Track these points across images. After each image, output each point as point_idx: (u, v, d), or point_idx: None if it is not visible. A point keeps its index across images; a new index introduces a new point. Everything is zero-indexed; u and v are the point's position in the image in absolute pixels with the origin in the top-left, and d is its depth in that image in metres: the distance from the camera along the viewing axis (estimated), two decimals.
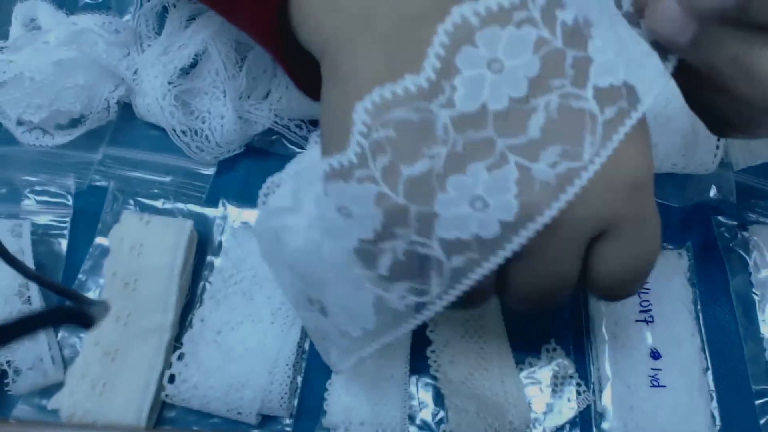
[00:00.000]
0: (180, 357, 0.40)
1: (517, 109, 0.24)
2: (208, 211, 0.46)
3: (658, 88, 0.26)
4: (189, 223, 0.43)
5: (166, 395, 0.40)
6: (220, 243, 0.45)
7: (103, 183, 0.47)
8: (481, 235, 0.24)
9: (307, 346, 0.43)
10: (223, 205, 0.46)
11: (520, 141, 0.24)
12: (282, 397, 0.40)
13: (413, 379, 0.42)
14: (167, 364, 0.40)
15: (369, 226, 0.25)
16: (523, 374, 0.41)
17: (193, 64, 0.47)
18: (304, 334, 0.42)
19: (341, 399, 0.40)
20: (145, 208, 0.46)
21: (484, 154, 0.24)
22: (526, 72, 0.24)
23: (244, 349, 0.41)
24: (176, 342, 0.42)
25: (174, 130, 0.45)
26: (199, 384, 0.40)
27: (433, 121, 0.24)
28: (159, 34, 0.48)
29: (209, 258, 0.44)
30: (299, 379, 0.42)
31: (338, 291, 0.29)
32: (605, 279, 0.28)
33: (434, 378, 0.41)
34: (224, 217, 0.46)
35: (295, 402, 0.41)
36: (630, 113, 0.25)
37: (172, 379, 0.40)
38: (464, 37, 0.24)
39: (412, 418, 0.41)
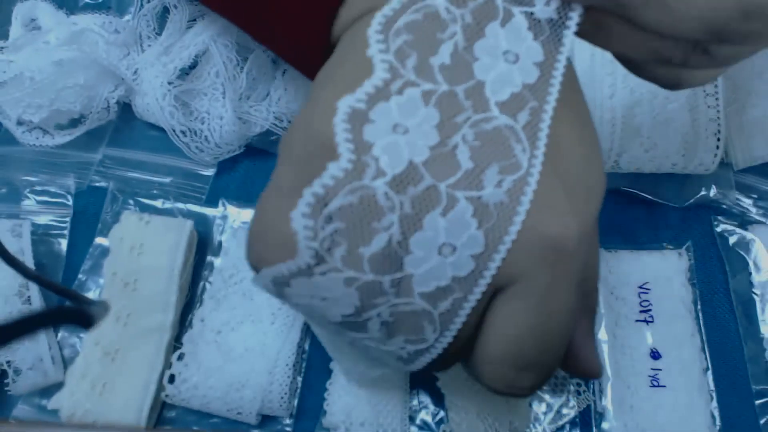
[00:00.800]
0: (180, 357, 0.40)
1: (440, 152, 0.24)
2: (208, 211, 0.46)
3: (566, 53, 0.26)
4: (189, 223, 0.43)
5: (166, 395, 0.40)
6: (220, 243, 0.45)
7: (103, 183, 0.47)
8: (458, 275, 0.25)
9: (307, 346, 0.43)
10: (223, 205, 0.46)
11: (459, 176, 0.24)
12: (282, 397, 0.40)
13: (413, 379, 0.41)
14: (167, 364, 0.41)
15: (348, 303, 0.25)
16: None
17: (193, 65, 0.47)
18: (304, 334, 0.42)
19: (342, 399, 0.40)
20: (145, 208, 0.46)
21: (433, 203, 0.24)
22: (429, 122, 0.25)
23: (244, 349, 0.41)
24: (176, 342, 0.42)
25: (174, 131, 0.45)
26: (199, 384, 0.40)
27: (373, 195, 0.24)
28: (159, 34, 0.48)
29: (209, 258, 0.44)
30: (299, 379, 0.42)
31: (342, 343, 0.29)
32: (494, 349, 0.27)
33: (435, 378, 0.41)
34: (224, 217, 0.46)
35: (295, 402, 0.41)
36: (543, 108, 0.26)
37: (172, 379, 0.40)
38: (360, 120, 0.24)
39: (412, 419, 0.41)
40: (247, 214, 0.46)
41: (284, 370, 0.40)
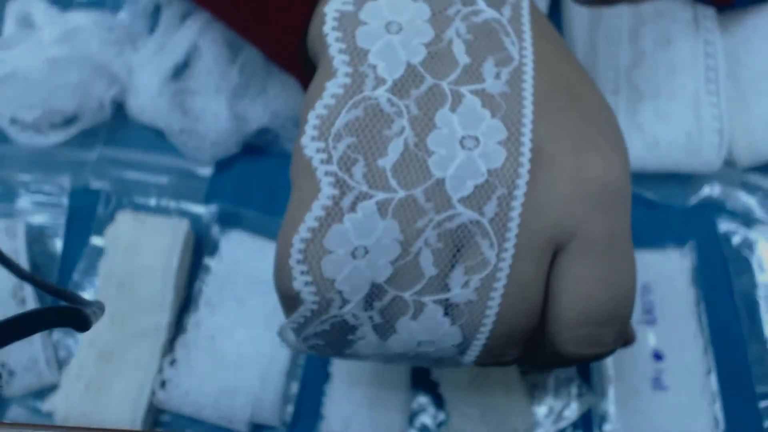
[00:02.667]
0: (172, 362, 0.40)
1: (403, 264, 0.24)
2: (204, 211, 0.45)
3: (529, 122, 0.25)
4: (185, 223, 0.43)
5: (158, 400, 0.40)
6: (216, 243, 0.44)
7: (99, 184, 0.46)
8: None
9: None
10: (219, 210, 0.45)
11: (423, 284, 0.24)
12: (274, 406, 0.40)
13: (413, 382, 0.41)
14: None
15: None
16: (524, 377, 0.41)
17: (186, 65, 0.46)
18: None
19: (340, 406, 0.40)
20: (140, 208, 0.45)
21: (402, 309, 0.24)
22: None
23: (237, 355, 0.40)
24: (173, 343, 0.41)
25: (171, 129, 0.45)
26: (191, 390, 0.40)
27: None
28: (152, 32, 0.47)
29: (205, 258, 0.44)
30: (295, 385, 0.42)
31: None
32: (570, 312, 0.25)
33: (436, 385, 0.40)
34: (220, 220, 0.45)
35: (291, 409, 0.41)
36: (513, 194, 0.24)
37: (163, 384, 0.40)
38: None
39: (412, 422, 0.41)
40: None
41: (277, 378, 0.40)
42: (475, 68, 0.24)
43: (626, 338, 0.30)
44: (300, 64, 0.33)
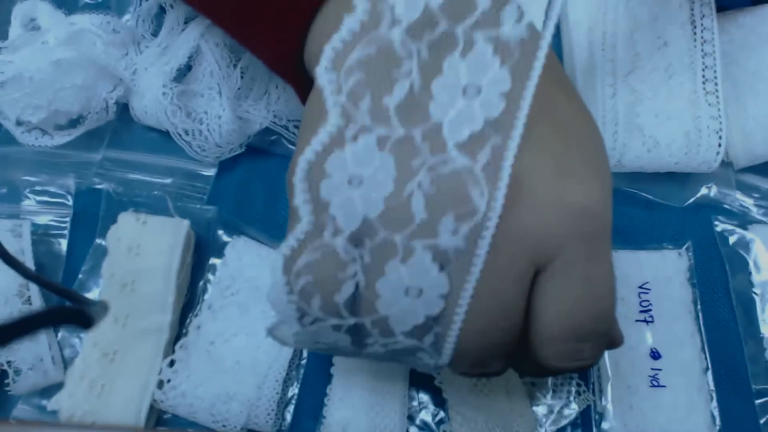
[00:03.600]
0: (171, 363, 0.40)
1: (396, 203, 0.25)
2: (206, 210, 0.46)
3: (538, 71, 0.25)
4: (186, 223, 0.43)
5: (155, 400, 0.40)
6: (218, 242, 0.45)
7: (104, 186, 0.47)
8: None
9: (305, 353, 0.43)
10: (222, 216, 0.46)
11: (413, 227, 0.25)
12: (269, 413, 0.40)
13: (413, 379, 0.41)
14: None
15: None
16: (524, 377, 0.41)
17: (189, 68, 0.46)
18: (298, 350, 0.42)
19: (340, 408, 0.40)
20: (144, 208, 0.45)
21: (392, 251, 0.25)
22: (384, 171, 0.25)
23: (235, 361, 0.40)
24: (176, 342, 0.42)
25: (176, 131, 0.45)
26: (187, 392, 0.40)
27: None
28: (155, 35, 0.47)
29: (208, 258, 0.44)
30: (294, 390, 0.42)
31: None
32: (552, 329, 0.26)
33: (434, 378, 0.41)
34: (223, 220, 0.45)
35: (290, 415, 0.41)
36: (507, 144, 0.24)
37: (161, 384, 0.40)
38: (323, 158, 0.25)
39: (412, 418, 0.41)
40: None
41: (273, 386, 0.40)
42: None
43: (613, 341, 0.30)
44: (299, 73, 0.34)
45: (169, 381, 0.40)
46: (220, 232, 0.45)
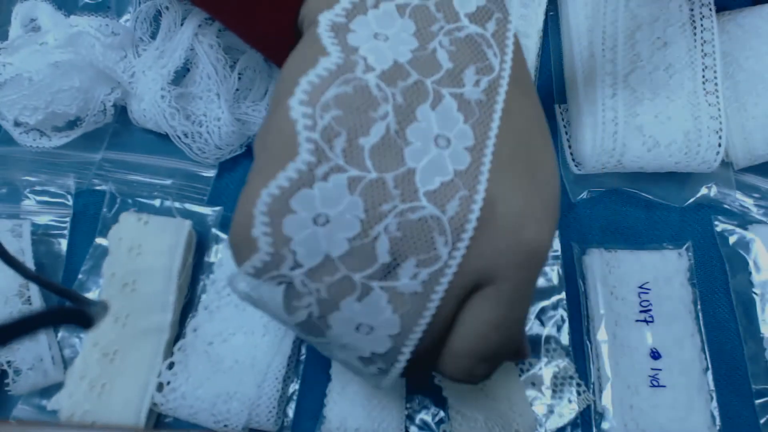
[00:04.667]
0: (170, 366, 0.40)
1: (360, 244, 0.25)
2: (207, 211, 0.46)
3: (494, 133, 0.26)
4: (187, 223, 0.43)
5: (155, 404, 0.40)
6: (220, 243, 0.45)
7: (103, 186, 0.47)
8: (377, 351, 0.26)
9: (304, 349, 0.42)
10: (219, 218, 0.46)
11: (375, 269, 0.25)
12: (270, 411, 0.40)
13: (413, 380, 0.41)
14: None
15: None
16: (524, 376, 0.41)
17: (186, 71, 0.46)
18: (296, 348, 0.42)
19: (338, 406, 0.40)
20: (144, 208, 0.46)
21: (349, 289, 0.25)
22: (353, 212, 0.24)
23: (234, 360, 0.40)
24: (176, 342, 0.42)
25: (175, 133, 0.45)
26: (187, 394, 0.40)
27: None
28: (154, 37, 0.47)
29: (208, 258, 0.44)
30: (295, 387, 0.42)
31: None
32: (462, 343, 0.27)
33: (438, 389, 0.41)
34: (224, 220, 0.45)
35: (291, 412, 0.41)
36: (473, 198, 0.25)
37: (160, 387, 0.40)
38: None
39: (411, 418, 0.41)
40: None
41: (273, 384, 0.40)
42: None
43: (521, 354, 0.31)
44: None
45: (168, 383, 0.40)
46: (221, 233, 0.45)
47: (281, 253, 0.24)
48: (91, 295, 0.44)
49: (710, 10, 0.45)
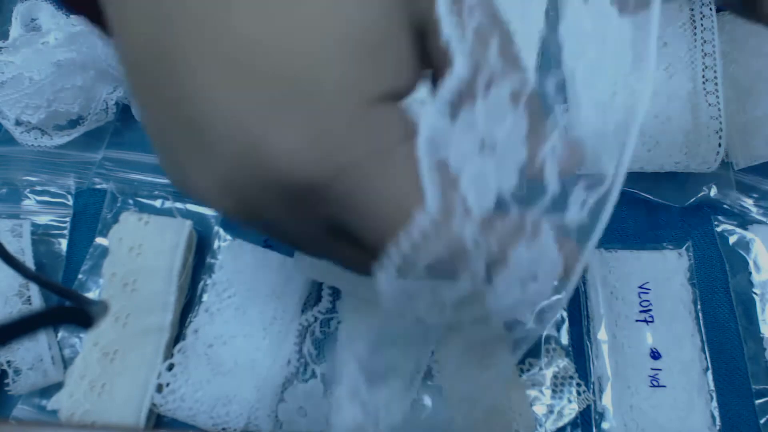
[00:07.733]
0: (170, 367, 0.40)
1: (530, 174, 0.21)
2: (208, 211, 0.46)
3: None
4: (188, 223, 0.43)
5: (154, 404, 0.40)
6: (221, 243, 0.45)
7: (103, 186, 0.47)
8: (538, 308, 0.23)
9: (305, 350, 0.42)
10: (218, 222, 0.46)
11: (545, 202, 0.21)
12: (269, 415, 0.40)
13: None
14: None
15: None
16: (524, 376, 0.41)
17: None
18: (298, 346, 0.42)
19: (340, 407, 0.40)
20: (144, 208, 0.46)
21: (519, 234, 0.21)
22: (518, 133, 0.20)
23: (234, 363, 0.40)
24: (177, 342, 0.42)
25: None
26: (186, 396, 0.40)
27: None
28: None
29: (209, 258, 0.44)
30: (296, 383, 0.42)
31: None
32: None
33: (438, 389, 0.41)
34: (223, 222, 0.45)
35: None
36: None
37: (159, 388, 0.40)
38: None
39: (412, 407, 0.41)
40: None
41: (273, 388, 0.40)
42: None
43: None
44: None
45: (168, 385, 0.40)
46: (223, 233, 0.45)
47: (449, 200, 0.19)
48: (92, 295, 0.44)
49: (710, 10, 0.45)
